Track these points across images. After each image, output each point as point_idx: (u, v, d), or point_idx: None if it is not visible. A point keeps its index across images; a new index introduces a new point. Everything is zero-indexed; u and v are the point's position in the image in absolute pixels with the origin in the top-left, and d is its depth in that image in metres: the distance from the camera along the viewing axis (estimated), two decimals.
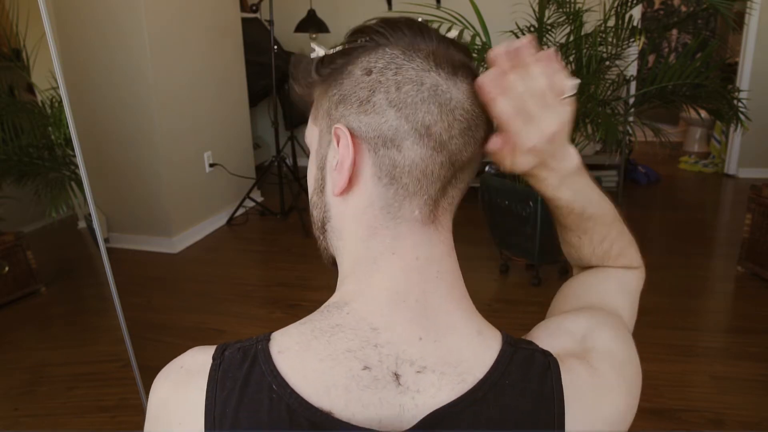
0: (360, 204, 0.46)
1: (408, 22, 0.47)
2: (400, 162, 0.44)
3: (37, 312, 2.66)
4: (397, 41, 0.46)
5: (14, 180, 2.78)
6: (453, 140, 0.45)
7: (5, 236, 2.67)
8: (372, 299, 0.45)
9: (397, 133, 0.44)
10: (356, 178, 0.46)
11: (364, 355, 0.42)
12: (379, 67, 0.45)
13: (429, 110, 0.44)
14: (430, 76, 0.44)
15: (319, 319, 0.45)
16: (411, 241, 0.45)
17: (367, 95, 0.44)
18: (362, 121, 0.45)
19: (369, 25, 0.47)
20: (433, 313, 0.44)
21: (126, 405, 1.90)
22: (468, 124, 0.45)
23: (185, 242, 3.33)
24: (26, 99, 3.06)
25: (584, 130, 2.58)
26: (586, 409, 0.44)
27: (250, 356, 0.44)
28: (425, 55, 0.45)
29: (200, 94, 3.44)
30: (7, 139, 2.75)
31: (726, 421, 1.75)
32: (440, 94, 0.44)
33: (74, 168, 2.91)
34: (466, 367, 0.43)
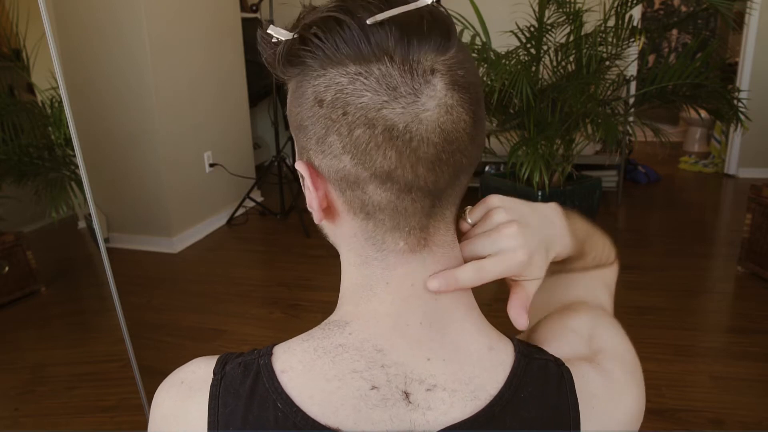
0: (346, 233, 0.44)
1: (354, 13, 0.38)
2: (368, 202, 0.40)
3: (37, 312, 2.65)
4: (338, 57, 0.37)
5: (14, 180, 2.78)
6: (421, 177, 0.39)
7: (5, 236, 2.67)
8: (374, 324, 0.43)
9: (358, 179, 0.39)
10: (334, 210, 0.43)
11: (372, 376, 0.41)
12: (328, 100, 0.38)
13: (386, 156, 0.38)
14: (381, 115, 0.37)
15: (321, 336, 0.43)
16: (403, 271, 0.43)
17: (323, 133, 0.39)
18: (323, 162, 0.40)
19: (311, 29, 0.39)
20: (438, 334, 0.43)
21: (126, 405, 1.90)
22: (438, 156, 0.39)
23: (185, 242, 3.33)
24: (26, 99, 3.06)
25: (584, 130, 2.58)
26: (601, 415, 0.44)
27: (252, 372, 0.43)
28: (376, 81, 0.37)
29: (200, 94, 3.44)
30: (7, 139, 2.75)
31: (726, 421, 1.75)
32: (397, 136, 0.37)
33: (74, 168, 2.91)
34: (478, 383, 0.42)
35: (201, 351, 2.34)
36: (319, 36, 0.38)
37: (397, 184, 0.39)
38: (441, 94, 0.38)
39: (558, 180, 2.63)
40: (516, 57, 2.58)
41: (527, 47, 2.61)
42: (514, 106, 2.64)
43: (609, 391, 0.45)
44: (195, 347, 2.26)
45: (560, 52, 2.64)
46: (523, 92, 2.33)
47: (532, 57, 2.61)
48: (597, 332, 0.50)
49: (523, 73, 2.38)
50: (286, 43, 0.40)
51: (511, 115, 2.71)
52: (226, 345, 2.26)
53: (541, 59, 2.63)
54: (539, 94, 2.53)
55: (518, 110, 2.62)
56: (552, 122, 2.51)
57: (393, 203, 0.40)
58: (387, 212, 0.41)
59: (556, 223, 0.49)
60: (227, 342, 2.28)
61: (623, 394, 0.46)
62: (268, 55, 0.42)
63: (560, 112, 2.54)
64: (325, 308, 2.09)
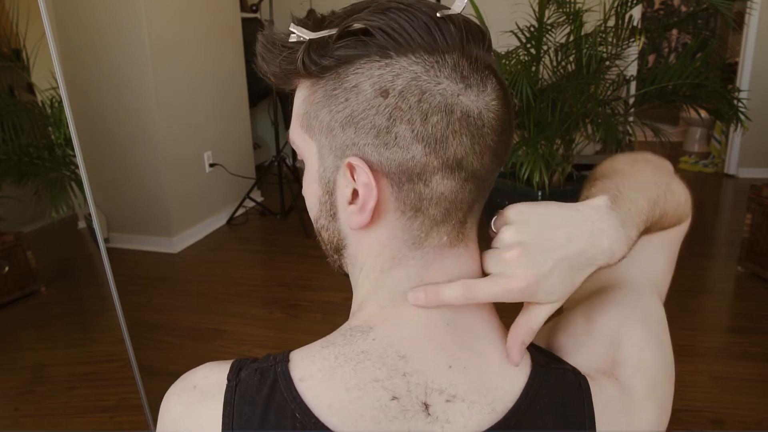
0: (381, 237, 0.42)
1: (417, 8, 0.39)
2: (426, 195, 0.40)
3: (37, 312, 2.65)
4: (413, 46, 0.38)
5: (14, 180, 2.78)
6: (484, 166, 0.41)
7: (5, 236, 2.67)
8: (401, 326, 0.42)
9: (425, 169, 0.39)
10: (377, 213, 0.41)
11: (393, 385, 0.40)
12: (397, 89, 0.38)
13: (461, 142, 0.39)
14: (459, 101, 0.38)
15: (343, 343, 0.42)
16: (439, 267, 0.42)
17: (386, 124, 0.38)
18: (382, 155, 0.39)
19: (371, 19, 0.39)
20: (462, 338, 0.42)
21: (126, 405, 1.90)
22: (498, 145, 0.41)
23: (185, 242, 3.33)
24: (26, 99, 3.06)
25: (584, 130, 2.58)
26: (618, 429, 0.44)
27: (269, 379, 0.41)
28: (451, 69, 0.38)
29: (200, 94, 3.44)
30: (7, 139, 2.75)
31: (726, 421, 1.76)
32: (472, 122, 0.39)
33: (74, 168, 2.91)
34: (496, 396, 0.41)
35: (201, 351, 2.35)
36: (390, 26, 0.38)
37: (465, 171, 0.40)
38: (498, 88, 0.41)
39: (558, 180, 2.63)
40: (516, 57, 2.58)
41: (527, 47, 2.61)
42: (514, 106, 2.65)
43: (627, 407, 0.45)
44: (195, 347, 2.26)
45: (560, 52, 2.64)
46: (523, 92, 2.33)
47: (532, 57, 2.61)
48: (622, 337, 0.48)
49: (523, 73, 2.38)
50: (319, 40, 0.40)
51: None
52: (226, 345, 2.26)
53: (541, 59, 2.63)
54: (539, 94, 2.53)
55: (518, 110, 2.63)
56: (552, 122, 2.51)
57: (455, 193, 0.41)
58: (443, 204, 0.41)
59: (604, 229, 0.41)
60: (227, 342, 2.28)
61: (643, 409, 0.46)
62: (282, 59, 0.41)
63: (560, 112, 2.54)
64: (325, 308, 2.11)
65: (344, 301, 0.48)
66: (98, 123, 3.12)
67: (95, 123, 3.11)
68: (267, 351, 2.02)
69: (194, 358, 2.17)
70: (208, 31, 3.48)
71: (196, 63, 3.37)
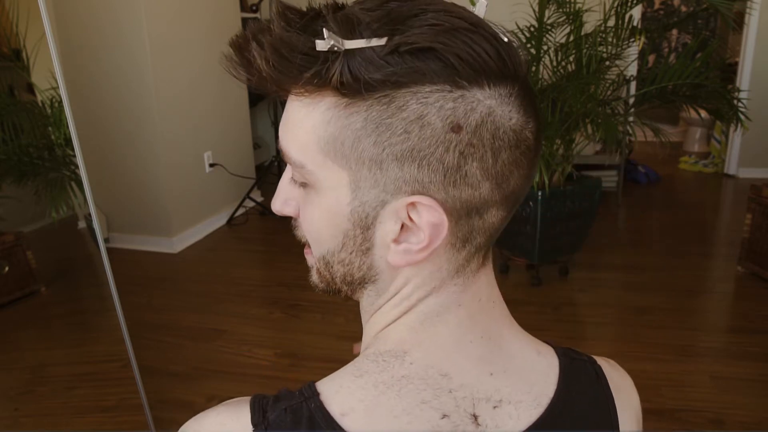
0: (424, 271, 0.40)
1: (484, 28, 0.35)
2: (478, 226, 0.39)
3: (37, 312, 2.65)
4: (488, 75, 0.34)
5: (14, 180, 2.78)
6: (524, 190, 0.40)
7: (5, 236, 2.67)
8: (437, 348, 0.41)
9: (486, 204, 0.38)
10: None
11: (440, 404, 0.39)
12: (472, 124, 0.34)
13: (520, 174, 0.38)
14: (525, 135, 0.37)
15: (378, 371, 0.40)
16: (475, 288, 0.42)
17: (457, 162, 0.35)
18: (449, 193, 0.36)
19: (440, 40, 0.33)
20: (496, 345, 0.43)
21: (126, 405, 1.90)
22: (533, 169, 0.40)
23: (185, 242, 3.33)
24: (26, 99, 3.06)
25: (584, 130, 2.58)
26: (627, 405, 0.48)
27: (304, 419, 0.38)
28: (518, 100, 0.36)
29: (200, 94, 3.44)
30: (7, 139, 2.75)
31: (726, 421, 1.75)
32: (528, 152, 0.38)
33: (74, 168, 2.91)
34: (539, 390, 0.43)
35: (201, 351, 2.34)
36: (467, 51, 0.34)
37: (517, 201, 0.40)
38: (534, 110, 0.39)
39: (558, 180, 2.63)
40: None
41: (527, 47, 2.61)
42: None
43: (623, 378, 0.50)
44: (195, 347, 2.26)
45: (560, 52, 2.63)
46: None
47: (532, 57, 2.61)
48: None
49: None
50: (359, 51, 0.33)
51: None
52: (226, 345, 2.26)
53: (541, 59, 2.63)
54: (539, 94, 2.52)
55: None
56: (552, 122, 2.51)
57: (501, 222, 0.40)
58: (489, 233, 0.40)
59: None
60: (227, 342, 2.28)
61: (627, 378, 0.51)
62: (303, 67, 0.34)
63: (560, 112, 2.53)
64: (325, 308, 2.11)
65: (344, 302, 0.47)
66: (98, 123, 3.12)
67: (95, 123, 3.11)
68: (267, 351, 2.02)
69: (194, 358, 2.17)
70: (208, 31, 3.48)
71: (196, 63, 3.37)
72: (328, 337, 2.26)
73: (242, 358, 2.18)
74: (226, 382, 2.01)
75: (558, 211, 2.53)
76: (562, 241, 2.64)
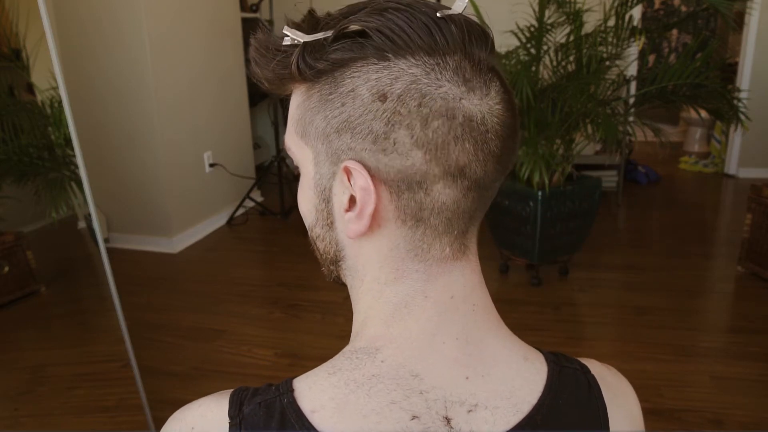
0: (382, 247, 0.41)
1: (416, 8, 0.37)
2: (427, 205, 0.39)
3: (37, 312, 2.65)
4: (412, 48, 0.36)
5: (14, 180, 2.77)
6: (488, 174, 0.39)
7: (5, 236, 2.67)
8: (407, 345, 0.40)
9: (426, 177, 0.38)
10: (376, 222, 0.40)
11: (411, 405, 0.39)
12: (396, 92, 0.36)
13: (463, 149, 0.37)
14: (462, 105, 0.37)
15: (350, 368, 0.40)
16: (444, 281, 0.41)
17: (384, 129, 0.37)
18: (380, 161, 0.38)
19: (368, 20, 0.37)
20: (475, 349, 0.41)
21: (126, 405, 1.90)
22: (502, 151, 0.39)
23: (185, 242, 3.33)
24: (26, 99, 3.06)
25: (584, 130, 2.58)
26: (623, 411, 0.46)
27: (277, 414, 0.39)
28: (453, 72, 0.37)
29: (200, 94, 3.44)
30: (7, 139, 2.75)
31: (726, 421, 1.75)
32: (475, 127, 0.37)
33: (74, 168, 2.90)
34: (520, 396, 0.41)
35: (201, 351, 2.34)
36: (388, 26, 0.37)
37: (467, 180, 0.38)
38: (502, 91, 0.39)
39: (558, 180, 2.63)
40: (516, 57, 2.58)
41: (527, 47, 2.61)
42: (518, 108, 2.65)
43: (621, 385, 0.48)
44: (195, 347, 2.26)
45: (560, 52, 2.63)
46: (523, 92, 2.33)
47: (532, 57, 2.61)
48: None
49: (523, 73, 2.38)
50: (314, 43, 0.38)
51: None
52: (226, 345, 2.26)
53: (541, 59, 2.63)
54: (539, 94, 2.52)
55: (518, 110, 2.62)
56: (552, 122, 2.51)
57: (457, 202, 0.39)
58: (445, 214, 0.39)
59: None
60: (227, 342, 2.28)
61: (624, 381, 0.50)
62: (276, 63, 0.40)
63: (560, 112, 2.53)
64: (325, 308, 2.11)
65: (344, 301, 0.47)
66: (98, 123, 3.12)
67: (95, 123, 3.11)
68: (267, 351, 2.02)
69: (194, 358, 2.17)
70: (208, 31, 3.48)
71: (196, 63, 3.37)
72: (328, 337, 2.26)
73: (242, 358, 2.18)
74: (226, 382, 2.01)
75: (558, 211, 2.53)
76: (562, 241, 2.64)
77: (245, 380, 2.02)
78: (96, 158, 3.08)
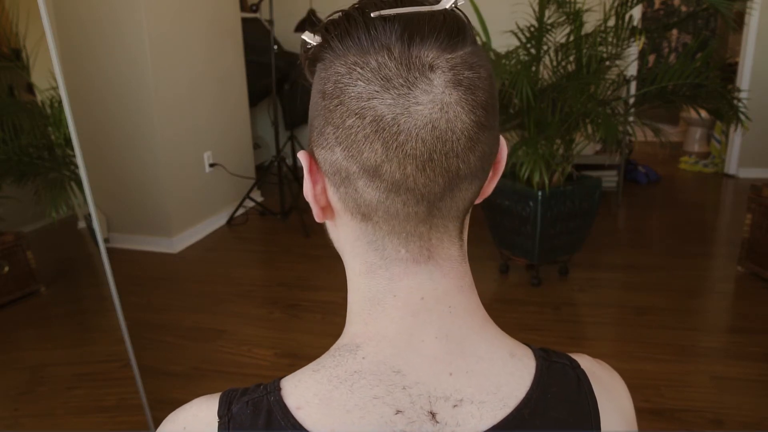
0: (348, 236, 0.43)
1: (359, 12, 0.38)
2: (361, 201, 0.39)
3: (37, 312, 2.65)
4: (345, 49, 0.38)
5: (14, 180, 2.78)
6: (410, 177, 0.37)
7: (5, 236, 2.67)
8: (386, 343, 0.41)
9: (349, 173, 0.39)
10: (330, 210, 0.43)
11: (394, 400, 0.39)
12: (328, 91, 0.38)
13: (372, 148, 0.37)
14: (371, 105, 0.36)
15: (333, 365, 0.41)
16: (409, 283, 0.41)
17: (322, 125, 0.39)
18: (320, 154, 0.40)
19: (327, 22, 0.40)
20: (457, 347, 0.41)
21: (126, 405, 1.90)
22: (430, 156, 0.37)
23: (185, 242, 3.33)
24: (26, 99, 3.06)
25: (584, 130, 2.58)
26: (615, 407, 0.46)
27: (263, 412, 0.40)
28: (372, 71, 0.37)
29: (200, 94, 3.44)
30: (7, 139, 2.75)
31: (726, 421, 1.75)
32: (384, 127, 0.36)
33: (74, 168, 2.90)
34: (507, 391, 0.41)
35: (201, 351, 2.34)
36: (329, 31, 0.39)
37: (385, 181, 0.38)
38: (438, 90, 0.37)
39: (558, 180, 2.63)
40: (516, 57, 2.58)
41: (527, 47, 2.61)
42: (514, 106, 2.64)
43: (612, 380, 0.48)
44: (195, 347, 2.26)
45: (560, 52, 2.63)
46: (523, 92, 2.33)
47: (532, 57, 2.61)
48: None
49: (523, 73, 2.37)
50: (315, 47, 0.41)
51: (511, 115, 2.71)
52: (226, 345, 2.26)
53: (541, 59, 2.63)
54: (539, 94, 2.52)
55: (518, 110, 2.62)
56: (552, 122, 2.51)
57: (383, 204, 0.39)
58: (380, 213, 0.40)
59: None
60: (227, 342, 2.28)
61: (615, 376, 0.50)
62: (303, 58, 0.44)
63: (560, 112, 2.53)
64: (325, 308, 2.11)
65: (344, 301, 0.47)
66: (98, 123, 3.12)
67: (95, 123, 3.11)
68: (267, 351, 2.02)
69: (194, 358, 2.17)
70: (208, 31, 3.48)
71: (196, 63, 3.37)
72: (328, 337, 2.26)
73: (242, 358, 2.18)
74: (226, 382, 2.01)
75: (558, 211, 2.53)
76: (561, 241, 2.64)
77: (245, 380, 2.02)
78: (96, 158, 3.08)
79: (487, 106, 0.39)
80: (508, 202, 2.62)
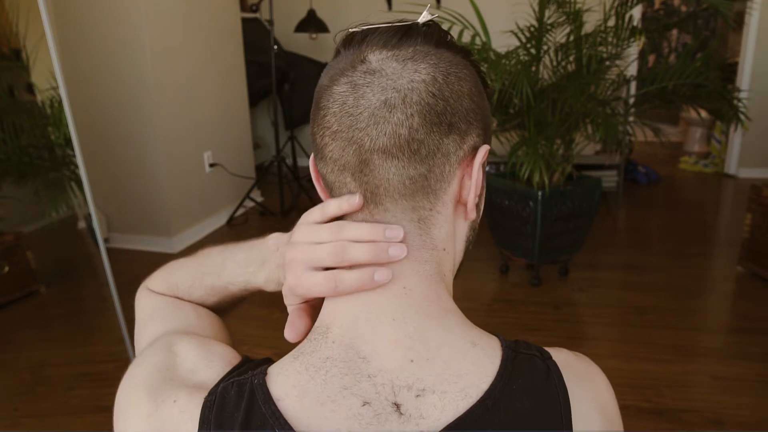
0: None
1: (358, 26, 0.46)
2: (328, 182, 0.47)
3: (37, 312, 2.65)
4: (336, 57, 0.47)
5: (14, 180, 2.78)
6: (346, 155, 0.43)
7: (5, 236, 2.67)
8: (349, 323, 0.43)
9: (317, 153, 0.47)
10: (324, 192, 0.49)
11: (361, 390, 0.40)
12: None
13: (324, 135, 0.45)
14: (318, 92, 0.46)
15: (310, 351, 0.43)
16: None
17: None
18: None
19: None
20: (415, 331, 0.42)
21: None
22: (339, 126, 0.43)
23: (185, 242, 3.33)
24: (26, 99, 3.06)
25: (584, 130, 2.58)
26: (588, 395, 0.44)
27: (246, 393, 0.41)
28: (336, 71, 0.45)
29: (200, 94, 3.44)
30: (7, 139, 2.75)
31: (726, 421, 1.75)
32: (318, 110, 0.45)
33: (74, 168, 2.91)
34: (468, 381, 0.41)
35: None
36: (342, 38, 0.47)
37: (331, 161, 0.44)
38: (360, 79, 0.42)
39: (558, 180, 2.63)
40: (516, 57, 2.58)
41: (527, 47, 2.61)
42: (514, 106, 2.64)
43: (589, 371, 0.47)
44: None
45: (560, 52, 2.63)
46: (523, 92, 2.33)
47: (532, 57, 2.61)
48: None
49: (523, 73, 2.37)
50: None
51: (511, 115, 2.71)
52: None
53: (541, 59, 2.63)
54: (539, 94, 2.52)
55: (518, 110, 2.62)
56: (552, 122, 2.51)
57: (337, 182, 0.44)
58: (332, 189, 0.46)
59: None
60: None
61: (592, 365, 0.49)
62: None
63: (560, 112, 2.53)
64: None
65: None
66: (98, 123, 3.12)
67: (95, 123, 3.11)
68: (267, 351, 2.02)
69: None
70: (209, 31, 3.48)
71: (195, 63, 3.37)
72: None
73: None
74: None
75: (558, 211, 2.53)
76: (561, 241, 2.64)
77: None
78: (96, 158, 3.07)
79: (431, 106, 0.42)
80: (508, 202, 2.62)
